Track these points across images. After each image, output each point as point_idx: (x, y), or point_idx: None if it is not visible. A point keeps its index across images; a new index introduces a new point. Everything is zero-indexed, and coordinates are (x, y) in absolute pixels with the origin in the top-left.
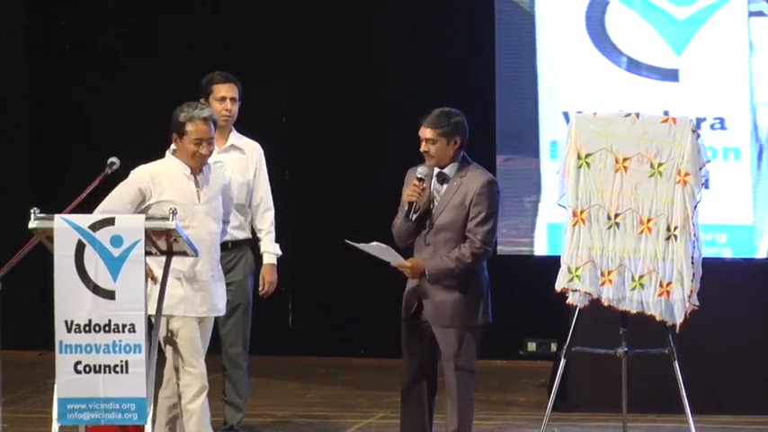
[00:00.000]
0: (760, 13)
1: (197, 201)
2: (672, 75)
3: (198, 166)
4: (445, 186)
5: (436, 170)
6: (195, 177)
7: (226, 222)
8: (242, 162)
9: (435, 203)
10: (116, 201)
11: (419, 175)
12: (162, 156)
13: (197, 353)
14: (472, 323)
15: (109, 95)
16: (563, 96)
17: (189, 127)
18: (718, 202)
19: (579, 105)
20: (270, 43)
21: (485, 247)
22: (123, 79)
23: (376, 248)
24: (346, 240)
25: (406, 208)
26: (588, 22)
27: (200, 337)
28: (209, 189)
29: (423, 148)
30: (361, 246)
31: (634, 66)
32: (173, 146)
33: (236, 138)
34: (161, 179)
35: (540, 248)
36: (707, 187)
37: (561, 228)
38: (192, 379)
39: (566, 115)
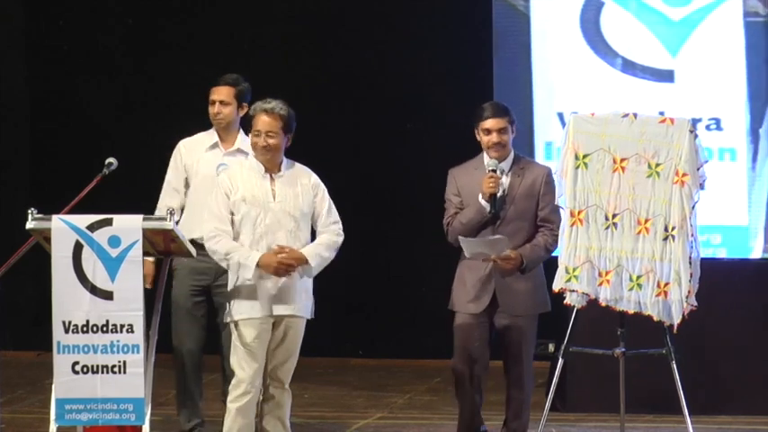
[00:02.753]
0: (755, 14)
1: (272, 199)
2: (667, 76)
3: (264, 160)
4: (506, 178)
5: (496, 162)
6: (271, 176)
7: (332, 223)
8: None
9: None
10: (217, 208)
11: (491, 167)
12: (162, 155)
13: (251, 356)
14: (539, 310)
15: (109, 95)
16: (558, 97)
17: (253, 120)
18: (714, 202)
19: (574, 106)
20: (270, 43)
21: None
22: (123, 79)
23: (493, 243)
24: (459, 237)
25: (487, 202)
26: (583, 23)
27: (287, 339)
28: (287, 188)
29: (494, 139)
30: (471, 241)
31: (629, 67)
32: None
33: (242, 141)
34: (236, 179)
35: None
36: (702, 188)
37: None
38: (239, 382)
39: (560, 116)
